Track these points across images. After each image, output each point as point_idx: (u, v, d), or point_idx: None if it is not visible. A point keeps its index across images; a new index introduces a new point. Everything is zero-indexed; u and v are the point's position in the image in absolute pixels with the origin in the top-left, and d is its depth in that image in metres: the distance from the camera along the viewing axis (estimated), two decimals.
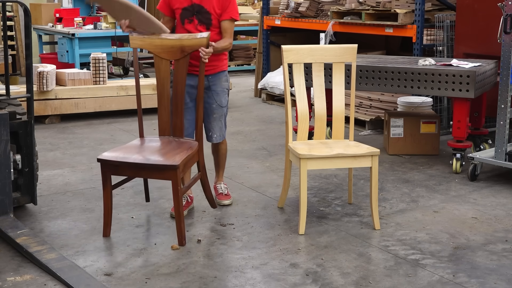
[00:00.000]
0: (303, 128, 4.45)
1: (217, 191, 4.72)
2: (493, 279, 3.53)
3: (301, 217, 4.12)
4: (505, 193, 4.92)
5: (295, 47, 4.48)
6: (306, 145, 4.32)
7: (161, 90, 4.25)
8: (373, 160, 4.16)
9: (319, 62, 4.47)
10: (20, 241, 3.88)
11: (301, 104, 4.44)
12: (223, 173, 4.83)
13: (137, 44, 4.28)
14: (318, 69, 4.48)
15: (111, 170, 4.00)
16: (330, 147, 4.26)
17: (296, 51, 4.46)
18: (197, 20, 4.40)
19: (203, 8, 4.39)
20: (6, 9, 4.87)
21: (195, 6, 4.40)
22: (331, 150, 4.18)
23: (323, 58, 4.47)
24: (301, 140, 4.46)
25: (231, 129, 7.14)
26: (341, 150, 4.17)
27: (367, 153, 4.17)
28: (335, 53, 4.47)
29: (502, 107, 5.04)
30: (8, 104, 4.48)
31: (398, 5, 6.83)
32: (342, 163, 4.21)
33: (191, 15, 4.41)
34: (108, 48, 9.67)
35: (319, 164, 4.19)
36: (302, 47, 4.49)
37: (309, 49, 4.49)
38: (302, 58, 4.46)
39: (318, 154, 4.11)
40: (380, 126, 6.81)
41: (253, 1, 13.80)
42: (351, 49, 4.48)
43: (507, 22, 4.91)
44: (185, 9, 4.42)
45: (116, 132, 7.00)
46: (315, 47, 4.53)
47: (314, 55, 4.47)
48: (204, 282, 3.50)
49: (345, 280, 3.51)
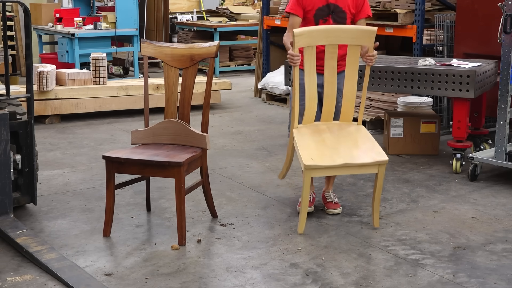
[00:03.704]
0: (311, 111, 4.34)
1: (326, 199, 4.59)
2: (493, 279, 3.53)
3: (301, 217, 4.12)
4: (505, 193, 4.92)
5: (307, 29, 4.24)
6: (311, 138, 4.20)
7: (169, 97, 4.27)
8: (379, 168, 4.06)
9: (333, 44, 4.26)
10: (20, 241, 3.88)
11: (310, 86, 4.28)
12: (333, 182, 4.71)
13: (148, 52, 4.33)
14: (332, 51, 4.28)
15: (116, 168, 4.01)
16: (335, 148, 4.12)
17: (309, 33, 4.22)
18: (332, 20, 4.41)
19: (338, 7, 4.41)
20: (6, 9, 4.87)
21: (330, 5, 4.40)
22: (337, 156, 4.03)
23: (338, 40, 4.26)
24: (307, 123, 4.35)
25: (231, 129, 7.15)
26: (348, 159, 4.03)
27: (375, 162, 4.03)
28: (352, 35, 4.25)
29: (502, 107, 5.04)
30: (8, 104, 4.48)
31: (398, 5, 6.83)
32: (348, 171, 4.13)
33: (326, 15, 4.41)
34: (108, 48, 9.68)
35: (324, 172, 4.12)
36: (315, 28, 4.28)
37: (324, 31, 4.26)
38: (316, 40, 4.24)
39: (323, 164, 3.99)
40: (380, 126, 6.81)
41: (253, 1, 13.81)
42: (369, 32, 4.25)
43: (507, 22, 4.91)
44: (319, 9, 4.42)
45: (116, 132, 7.00)
46: (331, 27, 4.30)
47: (329, 37, 4.24)
48: (204, 282, 3.50)
49: (345, 280, 3.51)
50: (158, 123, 4.25)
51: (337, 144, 4.22)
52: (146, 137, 4.25)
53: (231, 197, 4.84)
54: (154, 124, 4.26)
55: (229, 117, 7.79)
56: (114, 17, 9.78)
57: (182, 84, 4.28)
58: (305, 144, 4.20)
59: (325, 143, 4.23)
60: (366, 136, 4.32)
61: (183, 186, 3.90)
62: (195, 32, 11.91)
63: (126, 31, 9.80)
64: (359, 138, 4.30)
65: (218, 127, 7.19)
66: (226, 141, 6.56)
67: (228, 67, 11.46)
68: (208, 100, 4.23)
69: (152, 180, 4.75)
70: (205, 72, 10.64)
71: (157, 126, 4.24)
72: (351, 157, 4.07)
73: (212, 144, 6.18)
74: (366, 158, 4.06)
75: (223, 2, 13.69)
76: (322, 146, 4.20)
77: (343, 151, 4.14)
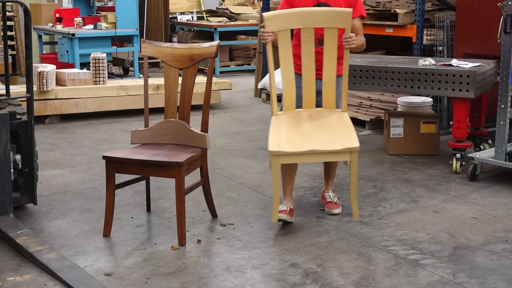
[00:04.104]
0: (289, 98, 4.23)
1: (325, 199, 4.56)
2: (493, 279, 3.53)
3: (274, 207, 4.02)
4: (505, 193, 4.92)
5: (279, 12, 4.16)
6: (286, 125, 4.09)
7: (169, 97, 4.27)
8: (352, 155, 3.85)
9: (308, 28, 4.12)
10: (20, 241, 3.88)
11: (286, 73, 4.17)
12: (332, 182, 4.67)
13: (148, 52, 4.33)
14: (308, 35, 4.14)
15: (116, 168, 4.02)
16: (307, 135, 3.94)
17: (281, 16, 4.11)
18: None
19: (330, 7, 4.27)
20: (6, 9, 4.87)
21: (322, 5, 4.29)
22: (306, 143, 3.85)
23: (313, 23, 4.11)
24: (288, 110, 4.23)
25: (231, 129, 7.14)
26: (316, 145, 3.83)
27: (345, 149, 3.82)
28: (327, 17, 4.09)
29: (502, 107, 5.04)
30: (8, 104, 4.48)
31: (398, 5, 6.83)
32: (318, 158, 3.98)
33: None
34: (108, 48, 9.68)
35: (291, 159, 3.94)
36: (287, 11, 4.18)
37: (297, 14, 4.13)
38: (289, 24, 4.11)
39: (288, 151, 3.83)
40: (380, 126, 6.81)
41: (253, 1, 13.81)
42: (345, 14, 4.08)
43: (507, 22, 4.91)
44: None
45: (116, 132, 7.00)
46: (304, 10, 4.17)
47: (303, 20, 4.09)
48: (204, 282, 3.50)
49: (345, 280, 3.51)
50: (158, 123, 4.25)
51: (312, 131, 4.05)
52: (146, 137, 4.25)
53: (231, 197, 4.84)
54: (154, 124, 4.26)
55: (229, 117, 7.79)
56: (114, 17, 9.78)
57: (182, 84, 4.28)
58: (278, 130, 4.07)
59: (300, 129, 4.08)
60: (345, 123, 4.12)
61: (183, 186, 3.90)
62: (195, 32, 11.91)
63: (126, 31, 9.81)
64: (337, 125, 4.11)
65: (218, 127, 7.19)
66: (226, 141, 6.56)
67: (228, 67, 11.47)
68: (208, 100, 4.23)
69: (152, 180, 4.75)
70: (205, 72, 10.64)
71: (157, 126, 4.24)
72: (320, 144, 3.87)
73: (212, 144, 6.18)
74: (336, 145, 3.85)
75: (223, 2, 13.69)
76: (295, 132, 4.06)
77: (315, 137, 3.95)
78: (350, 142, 3.85)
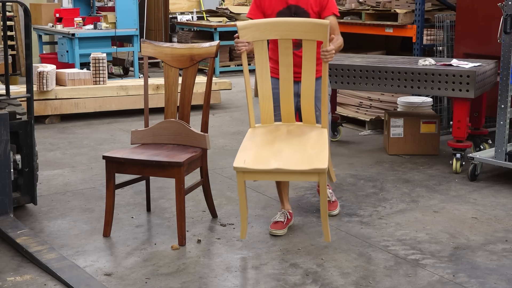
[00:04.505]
0: (267, 110, 4.10)
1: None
2: (493, 279, 3.53)
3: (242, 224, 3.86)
4: (505, 193, 4.92)
5: (254, 22, 4.00)
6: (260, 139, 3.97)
7: (169, 97, 4.27)
8: (320, 177, 3.64)
9: (285, 39, 3.94)
10: (20, 241, 3.88)
11: (263, 84, 4.05)
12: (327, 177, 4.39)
13: (148, 52, 4.33)
14: (285, 46, 3.95)
15: (116, 168, 4.02)
16: (278, 152, 3.78)
17: (257, 26, 3.94)
18: None
19: (300, 8, 4.13)
20: (6, 9, 4.87)
21: (291, 7, 4.13)
22: (274, 160, 3.68)
23: (291, 34, 3.91)
24: (266, 123, 4.12)
25: (231, 129, 7.15)
26: (282, 164, 3.64)
27: (312, 169, 3.61)
28: (304, 29, 3.88)
29: (502, 107, 5.04)
30: (8, 104, 4.48)
31: (398, 5, 6.83)
32: (284, 177, 3.79)
33: (288, 17, 4.11)
34: (108, 48, 9.68)
35: (256, 176, 3.81)
36: (263, 21, 4.01)
37: (273, 24, 3.95)
38: (264, 34, 3.95)
39: (253, 168, 3.67)
40: (380, 126, 6.81)
41: None
42: (322, 26, 3.82)
43: (507, 22, 4.91)
44: (280, 13, 4.14)
45: (116, 132, 7.00)
46: (279, 20, 4.00)
47: (279, 31, 3.92)
48: (204, 282, 3.50)
49: (345, 280, 3.51)
50: (158, 123, 4.25)
51: (284, 147, 3.86)
52: (146, 137, 4.25)
53: (231, 197, 4.84)
54: (154, 124, 4.26)
55: (229, 117, 7.79)
56: (114, 17, 9.79)
57: (182, 84, 4.28)
58: (249, 144, 3.93)
59: (273, 146, 3.91)
60: (321, 141, 3.89)
61: (183, 186, 3.90)
62: (195, 32, 11.91)
63: (126, 31, 9.81)
64: (312, 143, 3.89)
65: (218, 127, 7.19)
66: (226, 141, 6.56)
67: (228, 67, 11.46)
68: (208, 100, 4.24)
69: (152, 180, 4.75)
70: (205, 72, 10.64)
71: (157, 126, 4.24)
72: (287, 163, 3.67)
73: (212, 144, 6.18)
74: (303, 165, 3.64)
75: (223, 2, 13.69)
76: (266, 148, 3.89)
77: (285, 155, 3.75)
78: (318, 163, 3.63)
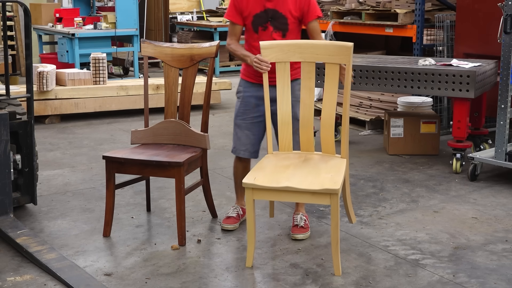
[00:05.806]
0: (285, 136, 3.93)
1: (293, 221, 4.13)
2: (493, 279, 3.53)
3: (249, 249, 3.68)
4: (505, 193, 4.92)
5: (277, 43, 3.88)
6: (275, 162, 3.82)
7: (169, 97, 4.27)
8: (332, 199, 3.44)
9: (309, 62, 3.83)
10: (20, 241, 3.88)
11: (284, 109, 3.89)
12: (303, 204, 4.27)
13: (148, 52, 4.33)
14: (308, 70, 3.84)
15: (116, 168, 4.02)
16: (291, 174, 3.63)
17: (280, 47, 3.83)
18: (272, 27, 4.02)
19: (277, 13, 4.00)
20: (6, 9, 4.87)
21: (268, 11, 4.00)
22: (284, 180, 3.54)
23: (314, 57, 3.81)
24: (284, 150, 3.95)
25: (231, 129, 7.12)
26: (293, 183, 3.49)
27: (323, 190, 3.43)
28: (327, 52, 3.78)
29: (502, 107, 5.04)
30: (8, 104, 4.48)
31: (398, 5, 6.84)
32: (294, 197, 3.58)
33: (265, 21, 4.02)
34: (108, 48, 9.68)
35: (266, 195, 3.59)
36: (287, 42, 3.89)
37: (297, 46, 3.83)
38: (288, 56, 3.84)
39: (262, 185, 3.52)
40: (380, 126, 6.81)
41: None
42: (345, 48, 3.72)
43: (507, 22, 4.91)
44: (257, 16, 4.03)
45: (116, 132, 7.00)
46: (304, 42, 3.88)
47: (304, 53, 3.82)
48: (204, 282, 3.50)
49: (345, 280, 3.51)
50: (158, 123, 4.25)
51: (298, 172, 3.69)
52: (146, 137, 4.25)
53: (231, 197, 4.84)
54: (154, 124, 4.26)
55: (229, 117, 7.79)
56: (114, 17, 9.79)
57: (182, 84, 4.28)
58: (262, 166, 3.80)
59: (287, 169, 3.75)
60: (337, 167, 3.73)
61: (183, 186, 3.90)
62: (195, 32, 11.91)
63: (126, 31, 9.81)
64: (328, 168, 3.72)
65: (218, 127, 7.19)
66: (226, 141, 6.56)
67: (228, 67, 11.47)
68: (208, 100, 4.24)
69: (152, 180, 4.75)
70: (205, 72, 10.64)
71: (157, 126, 4.24)
72: (298, 182, 3.51)
73: (212, 144, 6.18)
74: (314, 185, 3.47)
75: (223, 2, 13.69)
76: (279, 170, 3.73)
77: (297, 176, 3.60)
78: (330, 184, 3.45)
